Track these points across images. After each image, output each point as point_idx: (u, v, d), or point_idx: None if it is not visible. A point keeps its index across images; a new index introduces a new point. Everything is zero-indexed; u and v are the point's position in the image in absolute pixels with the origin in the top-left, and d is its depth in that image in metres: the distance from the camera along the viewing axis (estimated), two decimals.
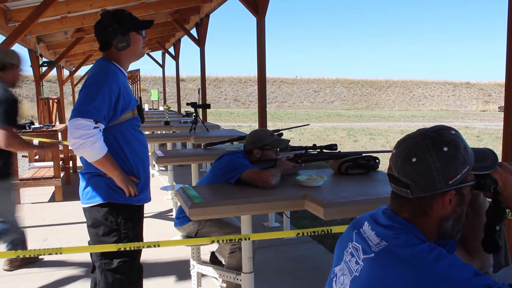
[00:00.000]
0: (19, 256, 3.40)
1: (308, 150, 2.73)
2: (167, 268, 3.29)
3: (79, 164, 7.09)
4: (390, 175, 1.08)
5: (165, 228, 4.25)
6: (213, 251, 3.30)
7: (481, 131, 16.09)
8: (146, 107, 19.77)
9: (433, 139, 1.02)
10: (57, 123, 7.56)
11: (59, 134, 5.99)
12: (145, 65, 52.67)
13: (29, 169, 5.98)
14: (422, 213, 1.04)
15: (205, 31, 8.29)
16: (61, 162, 5.63)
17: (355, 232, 1.10)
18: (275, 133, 3.14)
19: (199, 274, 2.79)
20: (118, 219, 2.02)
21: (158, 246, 2.03)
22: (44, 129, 5.72)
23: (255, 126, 16.14)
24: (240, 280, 2.46)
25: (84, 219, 2.12)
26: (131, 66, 2.29)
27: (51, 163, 5.71)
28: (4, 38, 4.51)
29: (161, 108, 17.63)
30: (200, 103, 6.99)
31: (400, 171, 1.04)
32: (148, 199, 2.18)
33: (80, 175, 2.10)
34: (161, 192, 5.34)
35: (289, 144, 2.76)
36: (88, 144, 1.84)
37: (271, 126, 14.00)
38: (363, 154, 2.61)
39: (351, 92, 36.62)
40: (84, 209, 2.09)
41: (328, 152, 2.70)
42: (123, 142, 2.02)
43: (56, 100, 7.46)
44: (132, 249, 2.00)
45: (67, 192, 5.59)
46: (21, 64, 3.12)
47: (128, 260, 2.05)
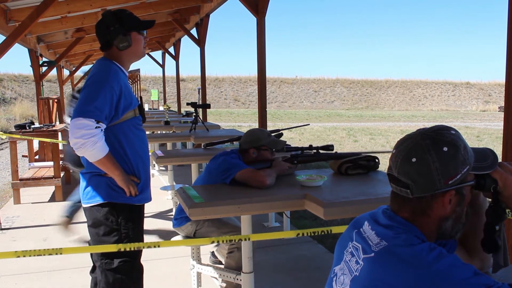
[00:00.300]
0: (69, 218, 3.83)
1: (305, 151, 2.72)
2: (167, 268, 3.30)
3: None
4: (390, 175, 1.08)
5: (165, 228, 4.25)
6: (213, 251, 3.31)
7: (481, 131, 16.10)
8: (146, 107, 19.78)
9: (433, 139, 1.02)
10: (57, 123, 7.56)
11: (59, 134, 5.99)
12: (145, 65, 52.80)
13: (29, 169, 5.98)
14: (422, 213, 1.04)
15: (205, 31, 8.29)
16: (61, 162, 5.62)
17: (355, 232, 1.10)
18: (275, 133, 3.14)
19: (199, 274, 2.79)
20: (119, 219, 2.02)
21: (158, 246, 2.03)
22: (44, 129, 5.72)
23: (255, 126, 16.10)
24: (240, 280, 2.46)
25: (84, 219, 2.12)
26: (131, 66, 2.29)
27: (51, 163, 5.72)
28: (4, 38, 4.51)
29: (161, 108, 17.65)
30: (200, 103, 6.99)
31: (400, 171, 1.04)
32: (149, 199, 2.18)
33: (81, 175, 2.10)
34: (161, 192, 5.34)
35: (288, 144, 2.75)
36: (89, 144, 1.85)
37: (271, 126, 13.99)
38: (362, 155, 2.60)
39: (351, 92, 36.62)
40: (85, 209, 2.09)
41: (324, 152, 2.70)
42: (124, 142, 2.02)
43: (56, 100, 7.45)
44: (132, 249, 2.00)
45: (67, 192, 5.56)
46: None
47: (129, 260, 2.05)
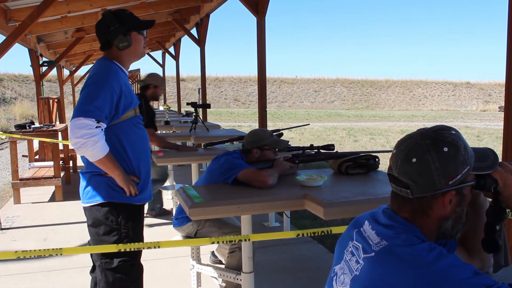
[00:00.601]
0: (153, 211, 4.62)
1: (306, 151, 2.73)
2: (167, 268, 3.30)
3: (79, 163, 7.10)
4: (390, 175, 1.08)
5: (165, 228, 4.25)
6: (213, 250, 3.31)
7: (481, 131, 16.10)
8: None
9: (433, 139, 1.02)
10: (57, 123, 7.56)
11: (59, 134, 5.99)
12: (145, 65, 52.82)
13: (29, 169, 5.98)
14: (422, 213, 1.04)
15: (205, 31, 8.29)
16: (61, 161, 5.63)
17: (355, 231, 1.10)
18: (275, 133, 3.14)
19: (199, 274, 2.79)
20: (119, 219, 2.02)
21: (159, 247, 2.03)
22: (44, 129, 5.72)
23: (255, 126, 16.12)
24: (240, 280, 2.46)
25: (84, 219, 2.12)
26: (131, 66, 2.29)
27: (51, 163, 5.72)
28: (4, 38, 4.51)
29: (161, 108, 17.61)
30: (200, 103, 7.00)
31: (400, 171, 1.04)
32: (149, 198, 2.18)
33: (81, 175, 2.10)
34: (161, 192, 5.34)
35: (288, 144, 2.75)
36: (90, 143, 1.85)
37: (271, 126, 14.00)
38: (362, 154, 2.60)
39: (351, 92, 36.62)
40: (85, 208, 2.09)
41: (325, 152, 2.70)
42: (124, 141, 2.02)
43: (56, 100, 7.45)
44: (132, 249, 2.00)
45: (67, 192, 5.59)
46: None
47: (129, 260, 2.05)
